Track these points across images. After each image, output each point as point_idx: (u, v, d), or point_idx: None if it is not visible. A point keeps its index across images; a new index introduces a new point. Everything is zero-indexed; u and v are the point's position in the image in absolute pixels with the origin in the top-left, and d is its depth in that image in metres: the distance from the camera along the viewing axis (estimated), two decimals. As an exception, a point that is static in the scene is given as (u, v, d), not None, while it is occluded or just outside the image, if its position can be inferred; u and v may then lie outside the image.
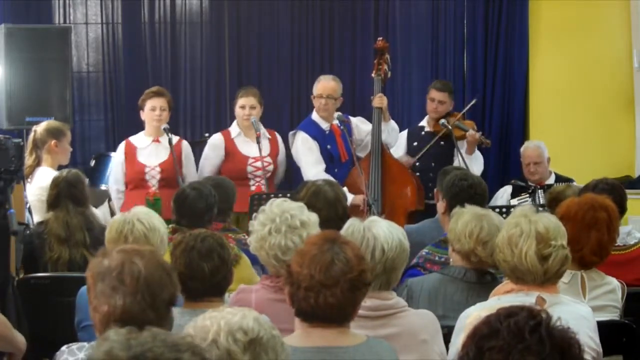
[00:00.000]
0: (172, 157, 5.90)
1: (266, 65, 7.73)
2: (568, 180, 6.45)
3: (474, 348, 1.80)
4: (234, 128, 6.25)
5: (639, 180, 7.48)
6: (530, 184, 6.61)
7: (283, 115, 7.66)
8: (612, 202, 3.72)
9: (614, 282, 3.69)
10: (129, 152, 6.05)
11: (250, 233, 3.35)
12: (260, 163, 6.08)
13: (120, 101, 7.57)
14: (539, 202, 6.15)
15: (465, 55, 7.76)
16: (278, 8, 7.72)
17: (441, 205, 4.46)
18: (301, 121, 6.48)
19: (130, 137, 6.16)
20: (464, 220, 3.62)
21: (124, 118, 7.48)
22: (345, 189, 4.97)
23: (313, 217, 3.34)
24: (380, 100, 6.14)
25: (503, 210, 5.20)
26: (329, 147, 6.15)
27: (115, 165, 6.19)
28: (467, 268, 3.64)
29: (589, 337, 3.01)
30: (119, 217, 3.77)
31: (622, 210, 4.19)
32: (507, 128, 7.69)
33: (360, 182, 5.88)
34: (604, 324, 3.31)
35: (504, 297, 3.07)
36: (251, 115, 6.11)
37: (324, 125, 6.19)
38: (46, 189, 5.39)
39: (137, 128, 6.23)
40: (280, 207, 3.30)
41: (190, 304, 3.12)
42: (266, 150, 6.16)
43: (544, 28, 7.68)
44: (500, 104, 7.68)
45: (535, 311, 1.81)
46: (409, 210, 6.04)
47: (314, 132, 6.15)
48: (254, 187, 6.05)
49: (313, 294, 2.53)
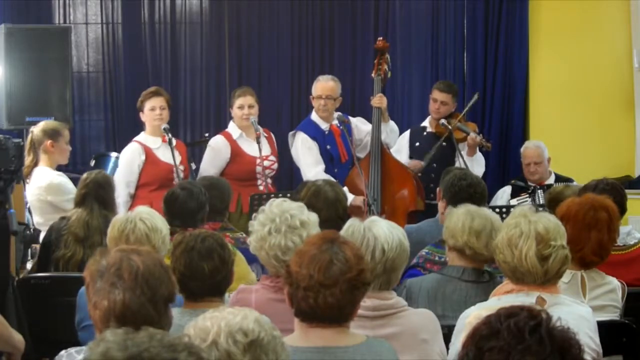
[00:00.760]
0: (173, 157, 5.86)
1: (266, 65, 7.72)
2: (568, 180, 6.45)
3: (474, 348, 1.80)
4: (233, 129, 6.18)
5: (639, 180, 7.49)
6: (530, 184, 6.60)
7: (283, 116, 7.66)
8: (612, 202, 3.73)
9: (614, 282, 3.69)
10: (149, 152, 5.92)
11: (250, 233, 3.35)
12: (267, 162, 6.07)
13: (120, 101, 7.57)
14: (539, 202, 6.14)
15: (465, 55, 7.76)
16: (278, 8, 7.72)
17: (442, 204, 4.47)
18: (301, 121, 6.46)
19: (137, 138, 6.00)
20: (456, 216, 3.68)
21: (124, 118, 7.47)
22: (345, 189, 4.97)
23: (313, 217, 3.34)
24: (379, 101, 6.13)
25: (503, 210, 5.21)
26: (328, 147, 6.13)
27: (128, 167, 5.90)
28: (465, 267, 3.66)
29: (589, 338, 3.01)
30: (121, 217, 3.78)
31: (622, 210, 4.19)
32: (507, 128, 7.70)
33: (360, 182, 5.88)
34: (604, 324, 3.31)
35: (504, 297, 3.07)
36: (250, 114, 6.08)
37: (324, 126, 6.17)
38: (45, 189, 5.41)
39: (137, 128, 6.20)
40: (280, 207, 3.30)
41: (191, 304, 3.12)
42: (266, 149, 6.14)
43: (544, 28, 7.69)
44: (500, 104, 7.69)
45: (535, 311, 1.81)
46: (409, 210, 6.02)
47: (314, 132, 6.14)
48: (261, 187, 6.02)
49: (312, 294, 2.53)
